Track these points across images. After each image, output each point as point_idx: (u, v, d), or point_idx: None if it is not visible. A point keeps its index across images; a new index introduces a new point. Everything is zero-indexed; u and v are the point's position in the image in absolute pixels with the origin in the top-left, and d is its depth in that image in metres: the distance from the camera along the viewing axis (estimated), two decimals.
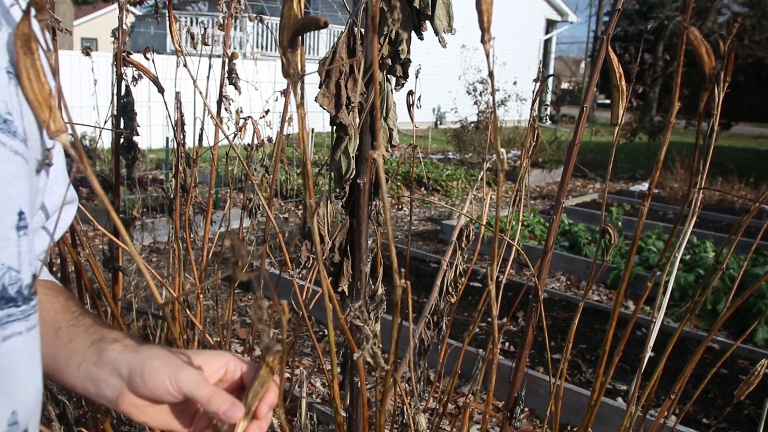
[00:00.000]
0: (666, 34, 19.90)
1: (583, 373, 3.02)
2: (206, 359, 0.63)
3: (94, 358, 0.62)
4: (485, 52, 0.52)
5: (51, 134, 0.48)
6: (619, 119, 0.93)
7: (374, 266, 1.06)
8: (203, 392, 0.59)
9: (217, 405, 0.58)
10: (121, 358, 0.61)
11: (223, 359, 0.64)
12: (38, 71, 0.47)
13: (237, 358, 0.65)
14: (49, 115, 0.48)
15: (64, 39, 9.92)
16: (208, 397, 0.58)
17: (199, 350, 0.64)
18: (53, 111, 0.48)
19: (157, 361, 0.61)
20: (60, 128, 0.48)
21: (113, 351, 0.62)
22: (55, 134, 0.48)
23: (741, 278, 2.03)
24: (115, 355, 0.62)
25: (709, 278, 1.14)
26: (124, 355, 0.62)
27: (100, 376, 0.62)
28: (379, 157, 0.51)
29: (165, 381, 0.59)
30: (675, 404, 1.13)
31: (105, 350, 0.63)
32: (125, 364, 0.61)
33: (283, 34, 0.51)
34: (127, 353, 0.62)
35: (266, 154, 1.48)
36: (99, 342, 0.64)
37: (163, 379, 0.59)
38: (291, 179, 6.12)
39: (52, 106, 0.48)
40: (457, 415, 2.48)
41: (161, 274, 3.20)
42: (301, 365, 3.02)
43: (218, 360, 0.64)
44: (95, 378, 0.62)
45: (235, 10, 1.32)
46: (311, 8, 15.59)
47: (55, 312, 0.67)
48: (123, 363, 0.61)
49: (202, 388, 0.59)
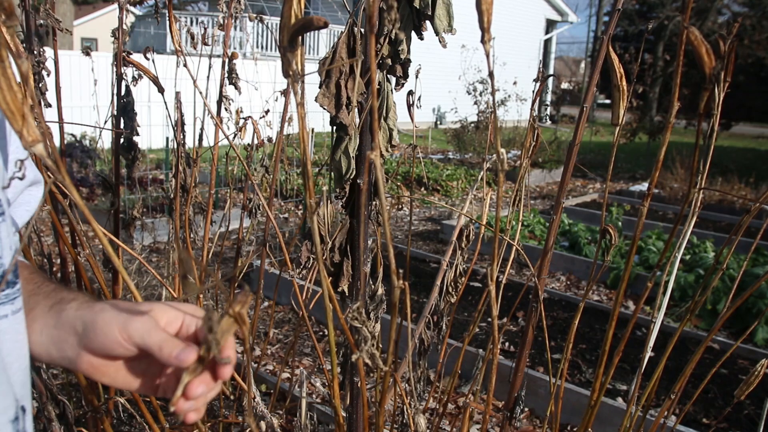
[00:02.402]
0: (666, 34, 19.90)
1: (583, 373, 3.02)
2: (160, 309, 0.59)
3: (53, 321, 0.61)
4: (485, 52, 0.52)
5: (26, 144, 0.47)
6: (620, 119, 0.93)
7: (374, 266, 1.06)
8: (154, 339, 0.56)
9: (169, 350, 0.55)
10: (77, 315, 0.60)
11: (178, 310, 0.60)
12: (9, 79, 0.45)
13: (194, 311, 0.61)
14: (23, 125, 0.46)
15: (64, 39, 9.92)
16: (159, 343, 0.55)
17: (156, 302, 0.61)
18: (27, 120, 0.46)
19: (109, 312, 0.58)
20: (35, 138, 0.46)
21: (70, 310, 0.61)
22: (30, 144, 0.47)
23: (741, 278, 2.03)
24: (72, 313, 0.61)
25: (709, 278, 1.14)
26: (79, 312, 0.60)
27: (59, 336, 0.60)
28: (377, 158, 0.51)
29: (115, 331, 0.57)
30: (675, 404, 1.13)
31: (63, 311, 0.61)
32: (80, 321, 0.59)
33: (283, 34, 0.51)
34: (82, 309, 0.60)
35: (266, 154, 1.48)
36: (57, 304, 0.63)
37: (113, 329, 0.57)
38: (291, 179, 6.12)
39: (26, 115, 0.46)
40: (457, 415, 2.48)
41: (161, 274, 3.20)
42: (301, 365, 3.02)
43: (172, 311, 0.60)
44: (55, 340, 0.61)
45: (235, 10, 1.32)
46: (311, 8, 15.58)
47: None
48: (78, 319, 0.60)
49: (153, 335, 0.56)
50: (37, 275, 0.69)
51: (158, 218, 5.00)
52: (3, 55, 0.45)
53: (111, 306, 0.59)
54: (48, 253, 1.49)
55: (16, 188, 0.66)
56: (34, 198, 0.72)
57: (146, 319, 0.57)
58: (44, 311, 0.62)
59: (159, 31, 14.19)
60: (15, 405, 0.59)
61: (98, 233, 0.59)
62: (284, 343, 3.26)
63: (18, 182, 0.66)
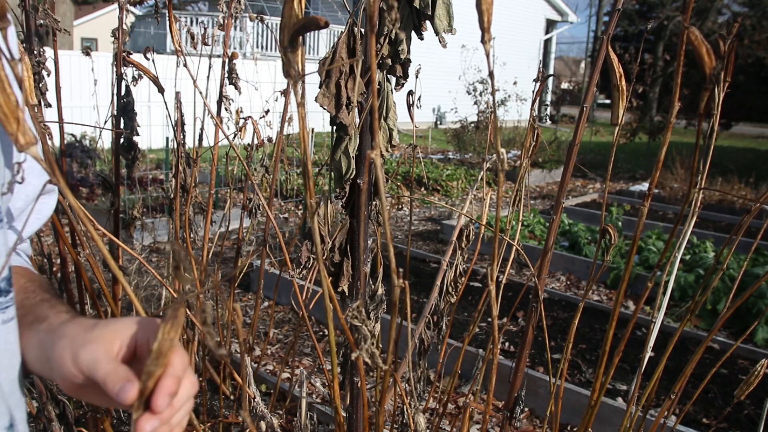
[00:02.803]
0: (666, 34, 19.89)
1: (583, 373, 3.02)
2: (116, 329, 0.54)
3: (31, 341, 0.59)
4: (485, 52, 0.52)
5: (20, 147, 0.46)
6: (620, 119, 0.93)
7: (374, 266, 1.06)
8: (101, 372, 0.51)
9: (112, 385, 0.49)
10: (44, 340, 0.57)
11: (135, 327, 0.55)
12: (2, 82, 0.45)
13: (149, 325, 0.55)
14: (17, 128, 0.45)
15: (64, 39, 9.92)
16: (104, 376, 0.50)
17: (115, 319, 0.56)
18: (21, 123, 0.45)
19: (64, 340, 0.54)
20: (30, 141, 0.46)
21: (40, 333, 0.58)
22: (24, 147, 0.46)
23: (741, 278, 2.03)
24: (41, 336, 0.58)
25: (709, 278, 1.14)
26: (46, 336, 0.57)
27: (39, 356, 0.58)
28: (377, 158, 0.51)
29: (68, 363, 0.53)
30: (675, 404, 1.13)
31: (38, 331, 0.59)
32: (44, 347, 0.57)
33: (284, 34, 0.51)
34: (47, 334, 0.57)
35: (266, 154, 1.48)
36: (35, 323, 0.60)
37: (66, 361, 0.53)
38: (291, 179, 6.12)
39: (20, 118, 0.45)
40: (457, 415, 2.48)
41: (161, 274, 3.20)
42: (301, 365, 3.02)
43: (131, 328, 0.55)
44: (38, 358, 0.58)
45: (235, 10, 1.32)
46: (311, 8, 15.58)
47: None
48: (43, 345, 0.57)
49: (101, 366, 0.51)
50: (30, 285, 0.67)
51: (158, 218, 5.00)
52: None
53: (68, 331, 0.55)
54: (48, 253, 1.50)
55: (28, 196, 0.65)
56: (46, 206, 0.71)
57: (94, 348, 0.52)
58: (25, 329, 0.60)
59: (159, 31, 14.19)
60: (9, 413, 0.57)
61: (95, 237, 0.59)
62: (284, 343, 3.26)
63: (30, 190, 0.64)
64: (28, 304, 0.63)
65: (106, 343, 0.53)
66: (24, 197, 0.65)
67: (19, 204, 0.64)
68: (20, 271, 0.69)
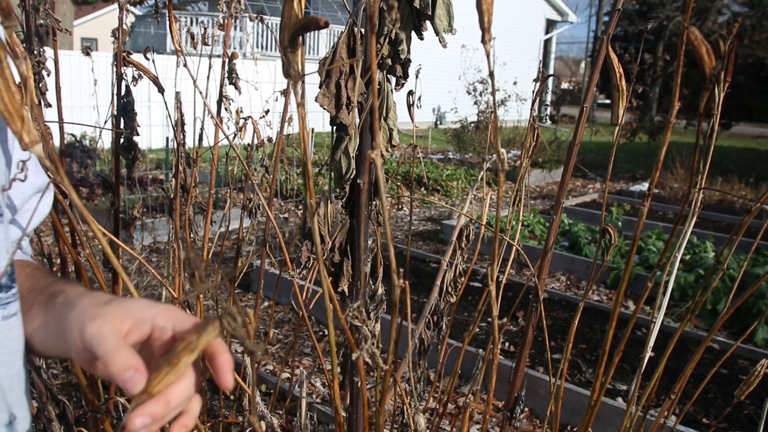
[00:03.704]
0: (666, 34, 19.89)
1: (583, 373, 3.02)
2: (129, 308, 0.52)
3: (47, 318, 0.58)
4: (485, 52, 0.52)
5: (24, 146, 0.46)
6: (620, 119, 0.93)
7: (374, 266, 1.06)
8: (105, 348, 0.47)
9: (116, 367, 0.46)
10: (59, 314, 0.56)
11: (151, 311, 0.52)
12: (7, 80, 0.45)
13: (172, 313, 0.52)
14: (22, 126, 0.45)
15: (64, 39, 9.92)
16: (108, 355, 0.47)
17: (132, 298, 0.54)
18: (25, 122, 0.45)
19: (75, 311, 0.52)
20: (34, 139, 0.46)
21: (57, 306, 0.57)
22: (29, 146, 0.46)
23: (741, 278, 2.03)
24: (57, 309, 0.57)
25: (710, 278, 1.14)
26: (62, 309, 0.56)
27: (54, 332, 0.56)
28: (378, 158, 0.51)
29: (75, 335, 0.50)
30: (675, 404, 1.13)
31: (53, 306, 0.58)
32: (59, 322, 0.55)
33: (284, 34, 0.51)
34: (63, 306, 0.56)
35: (266, 154, 1.48)
36: (50, 299, 0.59)
37: (74, 332, 0.51)
38: (291, 179, 6.12)
39: (24, 117, 0.45)
40: (457, 415, 2.48)
41: (161, 274, 3.20)
42: (301, 365, 3.02)
43: (146, 311, 0.52)
44: (51, 336, 0.57)
45: (235, 10, 1.32)
46: (311, 8, 15.59)
47: (19, 284, 0.64)
48: (59, 320, 0.56)
49: (104, 343, 0.48)
50: (38, 272, 0.67)
51: (158, 218, 5.01)
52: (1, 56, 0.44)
53: (80, 304, 0.53)
54: (48, 253, 1.50)
55: (24, 194, 0.65)
56: (44, 203, 0.70)
57: (100, 323, 0.49)
58: (41, 308, 0.60)
59: (159, 31, 14.19)
60: (7, 410, 0.57)
61: (98, 235, 0.59)
62: (284, 343, 3.26)
63: (26, 188, 0.64)
64: (40, 285, 0.62)
65: (116, 320, 0.50)
66: (20, 195, 0.65)
67: (16, 201, 0.65)
68: (26, 262, 0.69)
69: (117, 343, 0.48)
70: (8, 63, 0.45)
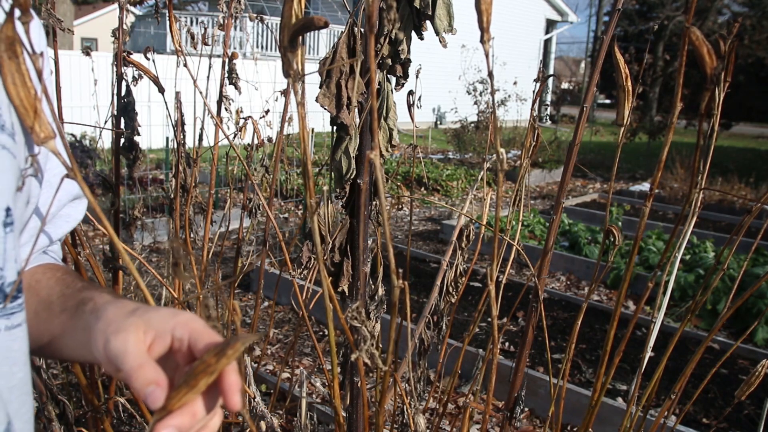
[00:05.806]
0: (666, 34, 19.90)
1: (583, 373, 3.02)
2: (149, 320, 0.52)
3: (77, 325, 0.58)
4: (485, 52, 0.52)
5: (38, 141, 0.46)
6: (625, 119, 0.93)
7: (374, 266, 1.06)
8: (128, 364, 0.48)
9: (139, 383, 0.47)
10: (87, 322, 0.56)
11: (172, 322, 0.52)
12: (23, 75, 0.44)
13: (190, 324, 0.52)
14: (36, 121, 0.46)
15: (64, 39, 9.92)
16: (131, 370, 0.48)
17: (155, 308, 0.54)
18: (40, 116, 0.45)
19: (101, 322, 0.53)
20: (48, 134, 0.46)
21: (85, 314, 0.58)
22: (42, 141, 0.46)
23: (741, 278, 2.03)
24: (86, 318, 0.57)
25: (710, 278, 1.14)
26: (90, 317, 0.56)
27: (85, 338, 0.56)
28: (377, 158, 0.51)
29: (100, 347, 0.51)
30: (675, 404, 1.13)
31: (83, 314, 0.58)
32: (88, 329, 0.56)
33: (284, 34, 0.51)
34: (90, 316, 0.56)
35: (266, 154, 1.48)
36: (80, 306, 0.59)
37: (99, 345, 0.51)
38: (291, 179, 6.12)
39: (39, 111, 0.45)
40: (457, 415, 2.48)
41: (161, 274, 3.20)
42: (301, 365, 3.02)
43: (167, 322, 0.52)
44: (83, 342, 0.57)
45: (235, 10, 1.32)
46: (311, 8, 15.59)
47: (49, 288, 0.64)
48: (87, 327, 0.56)
49: (129, 359, 0.48)
50: (68, 276, 0.66)
51: (158, 218, 5.00)
52: (18, 51, 0.44)
53: (105, 315, 0.54)
54: None
55: (60, 202, 0.66)
56: (76, 211, 0.71)
57: (124, 338, 0.50)
58: (71, 314, 0.60)
59: (159, 31, 14.19)
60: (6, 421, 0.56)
61: (111, 234, 0.58)
62: (284, 343, 3.26)
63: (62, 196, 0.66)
64: (70, 291, 0.63)
65: (139, 333, 0.50)
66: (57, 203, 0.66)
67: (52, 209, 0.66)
68: (57, 266, 0.69)
69: (140, 358, 0.49)
70: (24, 58, 0.45)
